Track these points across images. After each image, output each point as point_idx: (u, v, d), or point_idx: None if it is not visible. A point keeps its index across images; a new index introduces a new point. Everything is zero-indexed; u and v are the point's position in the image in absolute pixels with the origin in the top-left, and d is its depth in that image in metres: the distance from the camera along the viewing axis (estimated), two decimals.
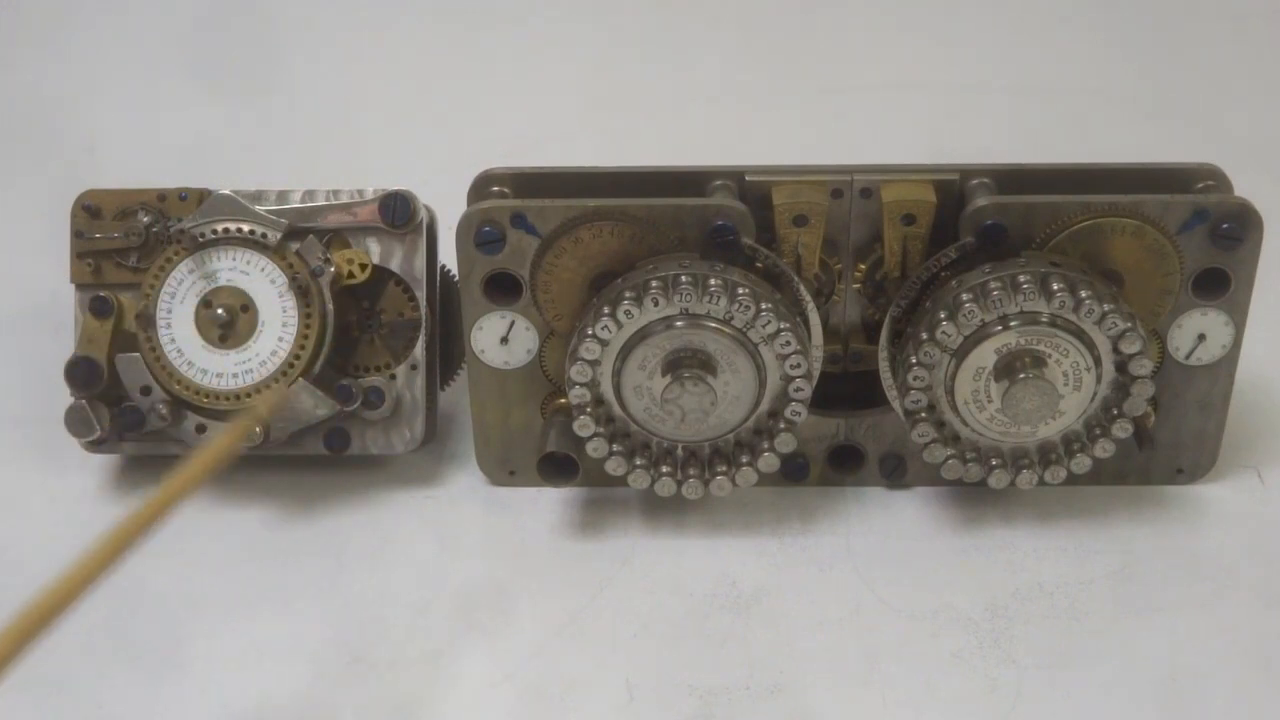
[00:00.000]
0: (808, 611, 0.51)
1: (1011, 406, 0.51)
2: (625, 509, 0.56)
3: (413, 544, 0.55)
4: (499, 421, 0.56)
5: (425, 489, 0.57)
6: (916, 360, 0.51)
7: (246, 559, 0.54)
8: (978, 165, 0.52)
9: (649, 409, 0.52)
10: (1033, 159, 0.53)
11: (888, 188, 0.52)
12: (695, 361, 0.51)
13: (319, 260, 0.54)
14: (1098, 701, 0.47)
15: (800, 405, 0.52)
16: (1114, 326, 0.49)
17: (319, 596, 0.52)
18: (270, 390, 0.51)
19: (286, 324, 0.54)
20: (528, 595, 0.52)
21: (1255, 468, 0.57)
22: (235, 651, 0.50)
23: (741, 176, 0.52)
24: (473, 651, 0.50)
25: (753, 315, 0.50)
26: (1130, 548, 0.53)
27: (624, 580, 0.53)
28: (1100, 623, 0.50)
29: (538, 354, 0.54)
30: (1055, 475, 0.53)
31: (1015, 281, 0.50)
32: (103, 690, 0.48)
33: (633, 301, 0.49)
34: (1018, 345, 0.50)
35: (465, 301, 0.53)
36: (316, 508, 0.56)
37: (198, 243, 0.54)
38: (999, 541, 0.54)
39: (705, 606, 0.51)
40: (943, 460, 0.53)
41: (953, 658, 0.49)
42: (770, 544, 0.54)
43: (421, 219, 0.55)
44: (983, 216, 0.51)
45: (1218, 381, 0.54)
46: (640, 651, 0.49)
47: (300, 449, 0.56)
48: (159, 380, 0.55)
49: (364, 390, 0.55)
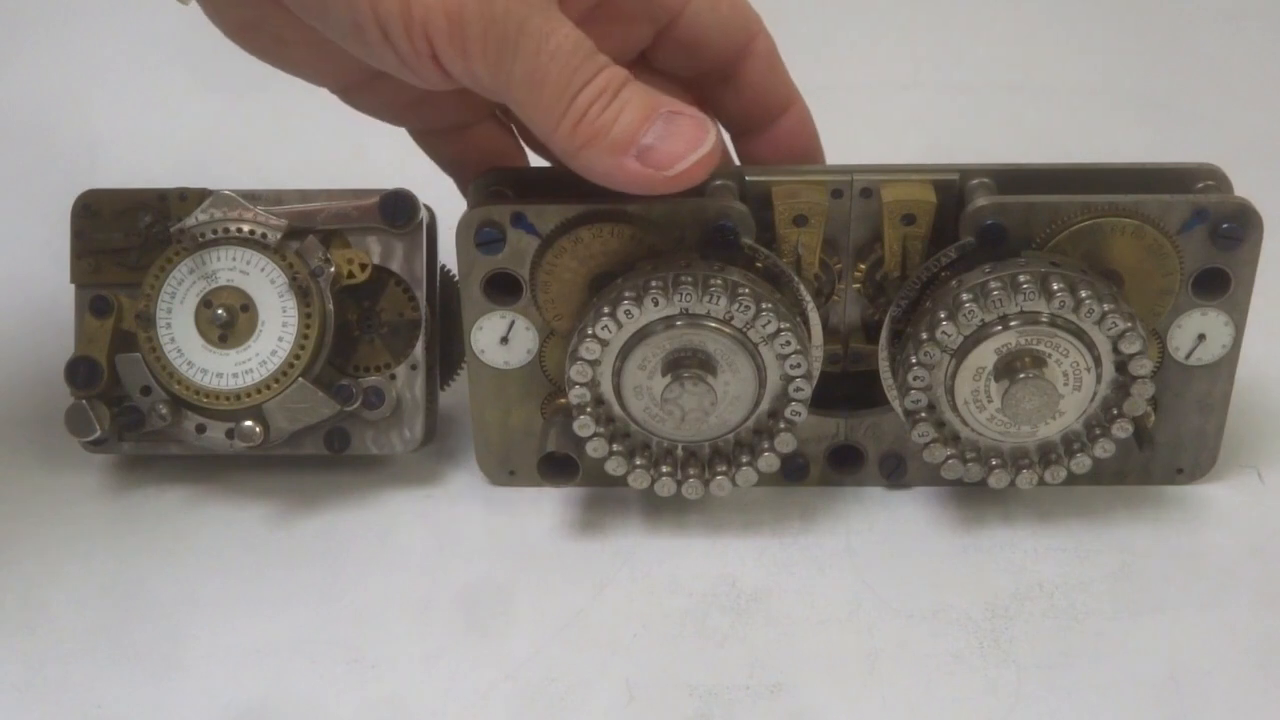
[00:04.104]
0: (808, 611, 0.51)
1: (1011, 406, 0.51)
2: (625, 509, 0.56)
3: (413, 544, 0.55)
4: (499, 421, 0.56)
5: (425, 489, 0.57)
6: (916, 360, 0.51)
7: (246, 559, 0.54)
8: (978, 165, 0.52)
9: (649, 409, 0.52)
10: (1033, 159, 0.53)
11: (888, 188, 0.52)
12: (695, 361, 0.51)
13: (319, 260, 0.54)
14: (1098, 701, 0.47)
15: (800, 405, 0.52)
16: (1114, 326, 0.49)
17: (319, 596, 0.52)
18: None
19: (286, 324, 0.54)
20: (528, 595, 0.52)
21: (1255, 468, 0.57)
22: (235, 651, 0.50)
23: (741, 176, 0.52)
24: (473, 651, 0.50)
25: (753, 315, 0.50)
26: (1130, 548, 0.53)
27: (624, 580, 0.53)
28: (1100, 623, 0.50)
29: (538, 354, 0.54)
30: (1055, 475, 0.53)
31: (1015, 281, 0.50)
32: (103, 690, 0.48)
33: (633, 301, 0.49)
34: (1018, 345, 0.50)
35: (465, 301, 0.53)
36: (316, 508, 0.56)
37: (198, 243, 0.54)
38: (999, 541, 0.54)
39: (705, 606, 0.51)
40: (943, 460, 0.53)
41: (953, 658, 0.49)
42: (770, 544, 0.54)
43: (421, 219, 0.55)
44: (983, 216, 0.51)
45: (1218, 381, 0.54)
46: (640, 651, 0.49)
47: (300, 449, 0.56)
48: (159, 380, 0.55)
49: (364, 390, 0.55)
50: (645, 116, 0.45)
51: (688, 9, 0.53)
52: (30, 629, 0.51)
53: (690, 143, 0.46)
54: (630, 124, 0.45)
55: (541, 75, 0.44)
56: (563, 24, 0.45)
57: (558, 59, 0.44)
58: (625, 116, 0.45)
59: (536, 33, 0.44)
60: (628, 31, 0.53)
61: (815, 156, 0.57)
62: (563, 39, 0.44)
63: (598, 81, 0.45)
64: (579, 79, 0.44)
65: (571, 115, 0.45)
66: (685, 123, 0.46)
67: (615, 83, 0.45)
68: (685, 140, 0.46)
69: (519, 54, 0.44)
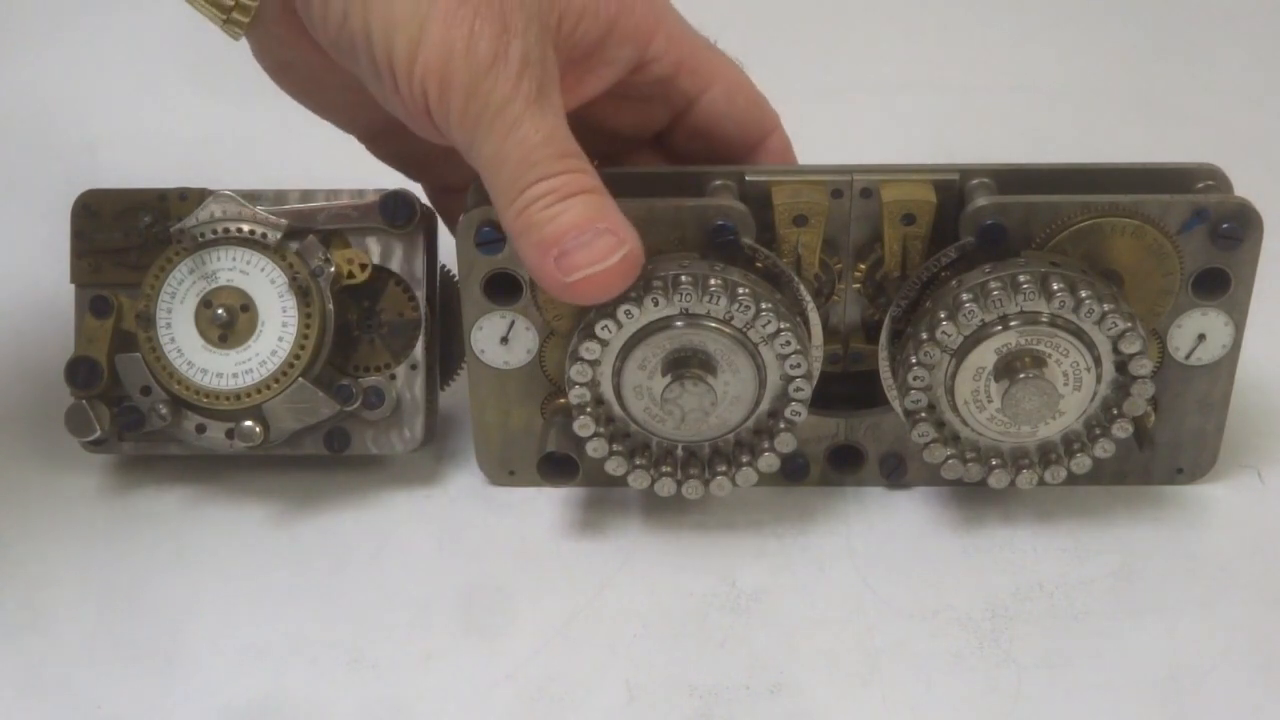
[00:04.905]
0: (808, 611, 0.51)
1: (1011, 406, 0.51)
2: (625, 509, 0.56)
3: (413, 544, 0.55)
4: (499, 421, 0.56)
5: (425, 489, 0.57)
6: (916, 360, 0.51)
7: (247, 559, 0.54)
8: (978, 165, 0.52)
9: (649, 409, 0.52)
10: (1033, 159, 0.53)
11: (888, 188, 0.52)
12: (695, 361, 0.51)
13: (319, 260, 0.54)
14: (1098, 701, 0.47)
15: (800, 405, 0.52)
16: (1114, 326, 0.49)
17: (319, 596, 0.52)
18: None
19: (286, 324, 0.54)
20: (528, 595, 0.52)
21: (1255, 468, 0.57)
22: (235, 651, 0.50)
23: (741, 176, 0.52)
24: (473, 651, 0.50)
25: (753, 315, 0.50)
26: (1130, 548, 0.53)
27: (624, 580, 0.53)
28: (1100, 623, 0.50)
29: (538, 354, 0.54)
30: (1055, 475, 0.53)
31: (1015, 281, 0.50)
32: (103, 690, 0.48)
33: (633, 301, 0.50)
34: (1018, 345, 0.50)
35: (465, 301, 0.53)
36: (316, 508, 0.56)
37: (198, 243, 0.54)
38: (999, 541, 0.54)
39: (705, 606, 0.51)
40: (943, 460, 0.53)
41: (953, 658, 0.49)
42: (770, 544, 0.54)
43: (421, 219, 0.55)
44: (983, 216, 0.51)
45: (1218, 381, 0.54)
46: (640, 651, 0.49)
47: (300, 449, 0.56)
48: (159, 380, 0.55)
49: (364, 390, 0.55)
50: (577, 225, 0.47)
51: (704, 98, 0.54)
52: (30, 629, 0.51)
53: (595, 257, 0.47)
54: (559, 227, 0.47)
55: (503, 159, 0.47)
56: (540, 117, 0.47)
57: (521, 148, 0.46)
58: (561, 219, 0.47)
59: (510, 119, 0.46)
60: (642, 111, 0.55)
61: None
62: (531, 131, 0.46)
63: (554, 181, 0.47)
64: (535, 174, 0.46)
65: (518, 204, 0.47)
66: (605, 240, 0.47)
67: (570, 188, 0.47)
68: (593, 253, 0.47)
69: (490, 133, 0.46)
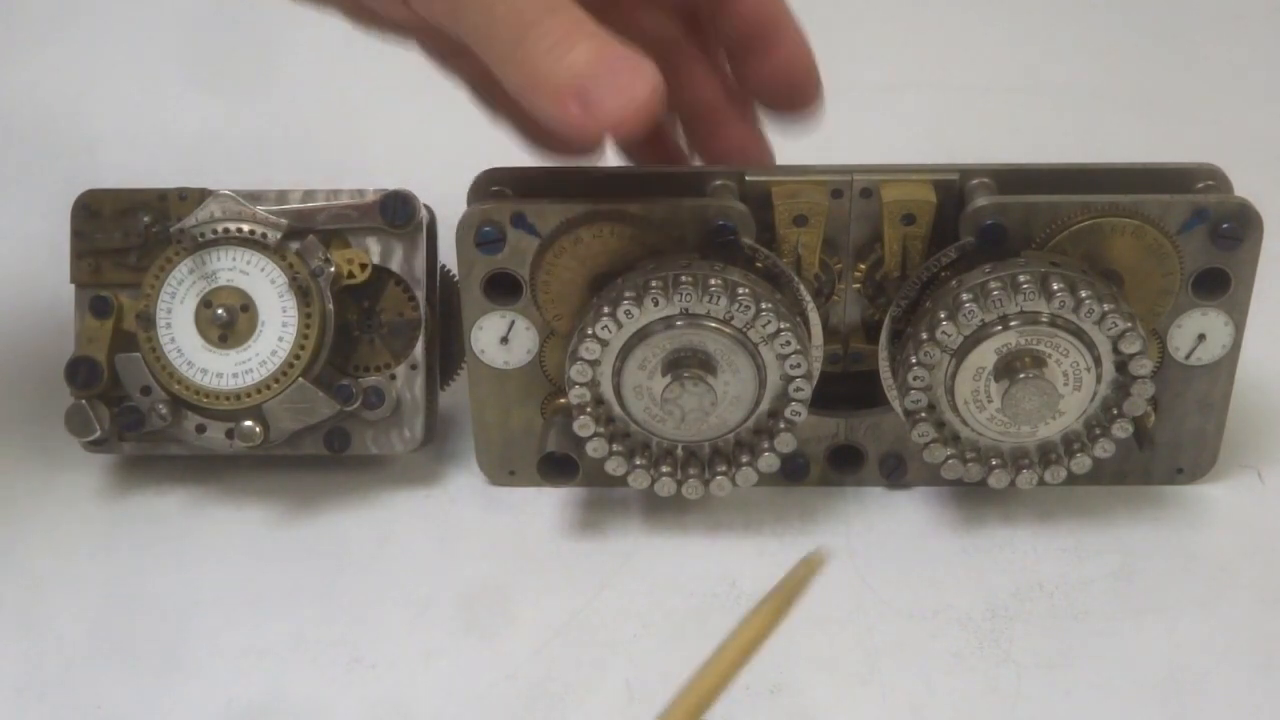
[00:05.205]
0: (808, 611, 0.51)
1: (1011, 406, 0.51)
2: (625, 509, 0.56)
3: (413, 544, 0.55)
4: (499, 421, 0.56)
5: (425, 489, 0.57)
6: (916, 360, 0.51)
7: (246, 559, 0.54)
8: (978, 165, 0.52)
9: (649, 409, 0.52)
10: (1033, 159, 0.53)
11: (888, 188, 0.52)
12: (695, 361, 0.51)
13: (319, 260, 0.54)
14: (1098, 701, 0.47)
15: (800, 405, 0.52)
16: (1114, 326, 0.49)
17: (319, 596, 0.52)
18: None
19: (286, 324, 0.54)
20: (528, 595, 0.52)
21: (1255, 468, 0.57)
22: (235, 651, 0.50)
23: (741, 176, 0.52)
24: (473, 651, 0.50)
25: (753, 315, 0.50)
26: (1130, 548, 0.53)
27: (624, 580, 0.52)
28: (1100, 623, 0.50)
29: (538, 354, 0.54)
30: (1055, 475, 0.53)
31: (1015, 281, 0.50)
32: (103, 690, 0.48)
33: (633, 301, 0.49)
34: (1018, 345, 0.50)
35: (465, 301, 0.53)
36: (316, 508, 0.56)
37: (198, 243, 0.54)
38: (999, 541, 0.54)
39: (705, 606, 0.51)
40: (943, 460, 0.53)
41: (953, 658, 0.49)
42: (770, 544, 0.54)
43: (421, 219, 0.55)
44: (983, 216, 0.51)
45: (1218, 381, 0.54)
46: (640, 651, 0.49)
47: (300, 449, 0.56)
48: (159, 380, 0.55)
49: (364, 390, 0.55)
50: (591, 63, 0.44)
51: None
52: (30, 629, 0.51)
53: (622, 89, 0.44)
54: (572, 68, 0.43)
55: (491, 21, 0.44)
56: None
57: (508, 4, 0.44)
58: (572, 59, 0.43)
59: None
60: None
61: (810, 88, 0.56)
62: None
63: (551, 25, 0.44)
64: (530, 28, 0.44)
65: (518, 58, 0.44)
66: (626, 72, 0.44)
67: (571, 31, 0.44)
68: (618, 87, 0.44)
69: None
